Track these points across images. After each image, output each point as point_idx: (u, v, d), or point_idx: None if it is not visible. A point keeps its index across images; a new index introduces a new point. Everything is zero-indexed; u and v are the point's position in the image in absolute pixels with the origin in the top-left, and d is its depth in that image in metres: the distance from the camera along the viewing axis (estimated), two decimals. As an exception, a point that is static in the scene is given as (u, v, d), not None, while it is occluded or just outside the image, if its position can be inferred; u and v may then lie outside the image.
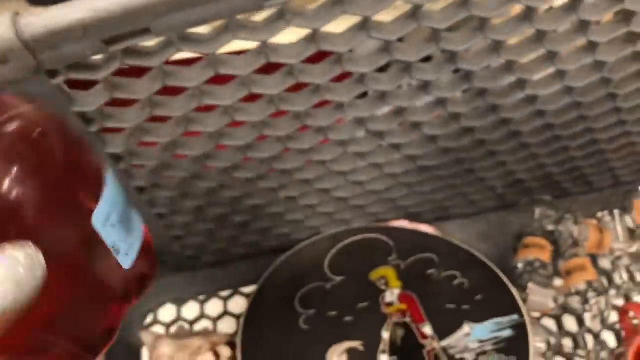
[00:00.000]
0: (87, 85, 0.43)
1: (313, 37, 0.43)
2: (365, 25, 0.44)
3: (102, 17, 0.36)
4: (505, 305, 0.67)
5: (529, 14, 0.47)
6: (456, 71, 0.51)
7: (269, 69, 0.46)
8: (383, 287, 0.70)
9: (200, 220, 0.66)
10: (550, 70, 0.54)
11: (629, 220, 0.80)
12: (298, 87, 0.49)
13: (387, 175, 0.66)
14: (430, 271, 0.71)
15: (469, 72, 0.51)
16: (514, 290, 0.68)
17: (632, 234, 0.79)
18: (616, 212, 0.78)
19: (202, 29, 0.40)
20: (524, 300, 0.74)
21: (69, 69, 0.40)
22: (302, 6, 0.41)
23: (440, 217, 0.81)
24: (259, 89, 0.47)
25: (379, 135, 0.58)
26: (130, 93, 0.44)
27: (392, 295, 0.70)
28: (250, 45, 0.43)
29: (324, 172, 0.62)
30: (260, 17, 0.41)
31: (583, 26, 0.49)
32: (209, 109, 0.48)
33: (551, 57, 0.52)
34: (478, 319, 0.66)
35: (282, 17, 0.40)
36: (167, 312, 0.77)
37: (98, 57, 0.40)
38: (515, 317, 0.65)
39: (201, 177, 0.58)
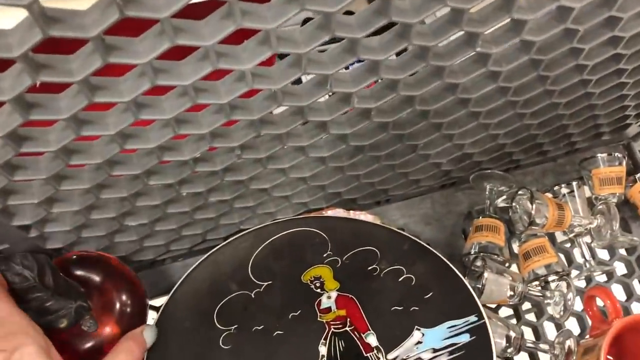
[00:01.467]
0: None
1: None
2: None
3: None
4: (460, 303, 0.57)
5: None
6: (388, 26, 0.39)
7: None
8: (318, 290, 0.59)
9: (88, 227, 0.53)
10: (505, 18, 0.43)
11: (588, 192, 0.72)
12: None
13: (313, 159, 0.54)
14: (371, 267, 0.60)
15: (406, 26, 0.40)
16: (468, 285, 0.58)
17: (591, 207, 0.71)
18: (574, 184, 0.70)
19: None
20: (480, 292, 0.64)
21: None
22: None
23: (379, 200, 0.71)
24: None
25: (299, 112, 0.46)
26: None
27: (328, 299, 0.58)
28: None
29: (233, 161, 0.50)
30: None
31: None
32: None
33: (508, 3, 0.41)
34: (430, 322, 0.56)
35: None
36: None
37: None
38: (472, 318, 0.55)
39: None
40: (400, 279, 0.59)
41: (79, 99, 0.36)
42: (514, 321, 0.68)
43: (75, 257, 0.52)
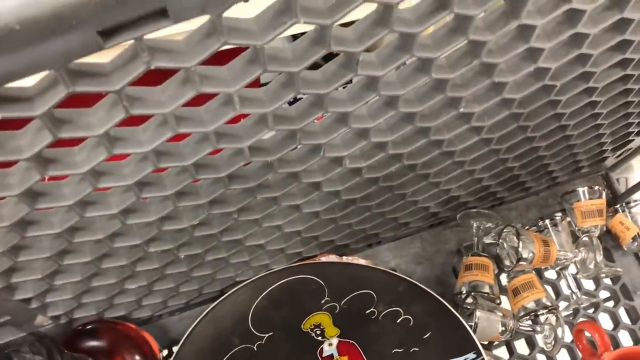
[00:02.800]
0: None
1: (188, 78, 0.32)
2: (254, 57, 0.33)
3: None
4: (458, 341, 0.58)
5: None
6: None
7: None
8: (319, 338, 0.60)
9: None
10: (486, 82, 0.45)
11: (571, 224, 0.75)
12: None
13: (307, 214, 0.56)
14: (369, 310, 0.62)
15: (393, 97, 0.42)
16: (465, 322, 0.60)
17: (575, 239, 0.73)
18: (557, 216, 0.72)
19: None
20: (473, 330, 0.66)
21: None
22: (166, 39, 0.30)
23: (370, 243, 0.72)
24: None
25: (293, 176, 0.48)
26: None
27: (330, 346, 0.60)
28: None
29: (230, 224, 0.51)
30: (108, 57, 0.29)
31: (524, 30, 0.41)
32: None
33: (488, 68, 0.44)
34: (430, 361, 0.57)
35: (137, 57, 0.29)
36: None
37: None
38: (471, 355, 0.57)
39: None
40: (398, 321, 0.60)
41: (83, 186, 0.37)
42: (507, 356, 0.70)
43: (80, 328, 0.53)
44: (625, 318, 0.73)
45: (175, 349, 0.65)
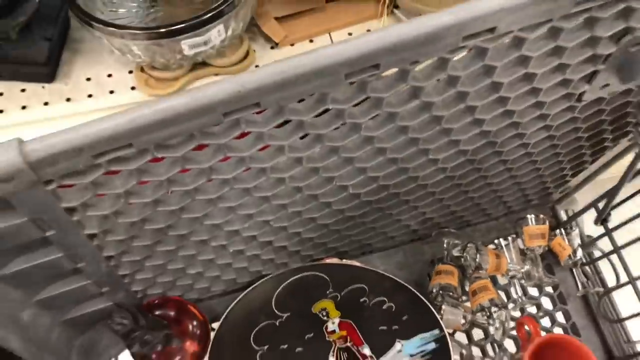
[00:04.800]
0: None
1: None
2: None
3: (93, 140, 0.44)
4: (427, 322, 0.79)
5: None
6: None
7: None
8: (325, 318, 0.81)
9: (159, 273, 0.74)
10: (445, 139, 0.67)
11: (520, 244, 0.96)
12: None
13: (320, 225, 0.77)
14: (362, 299, 0.83)
15: (383, 149, 0.63)
16: (433, 309, 0.81)
17: (523, 256, 0.95)
18: (510, 238, 0.94)
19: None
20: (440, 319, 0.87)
21: (62, 178, 0.48)
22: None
23: (365, 251, 0.93)
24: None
25: (313, 197, 0.69)
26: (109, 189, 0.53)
27: (333, 324, 0.81)
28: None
29: (267, 229, 0.72)
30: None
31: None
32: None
33: (447, 131, 0.65)
34: (406, 336, 0.78)
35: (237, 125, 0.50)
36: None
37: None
38: (436, 331, 0.78)
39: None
40: (384, 307, 0.82)
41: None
42: (466, 342, 0.91)
43: (155, 302, 0.75)
44: (560, 318, 0.94)
45: (215, 325, 0.85)
